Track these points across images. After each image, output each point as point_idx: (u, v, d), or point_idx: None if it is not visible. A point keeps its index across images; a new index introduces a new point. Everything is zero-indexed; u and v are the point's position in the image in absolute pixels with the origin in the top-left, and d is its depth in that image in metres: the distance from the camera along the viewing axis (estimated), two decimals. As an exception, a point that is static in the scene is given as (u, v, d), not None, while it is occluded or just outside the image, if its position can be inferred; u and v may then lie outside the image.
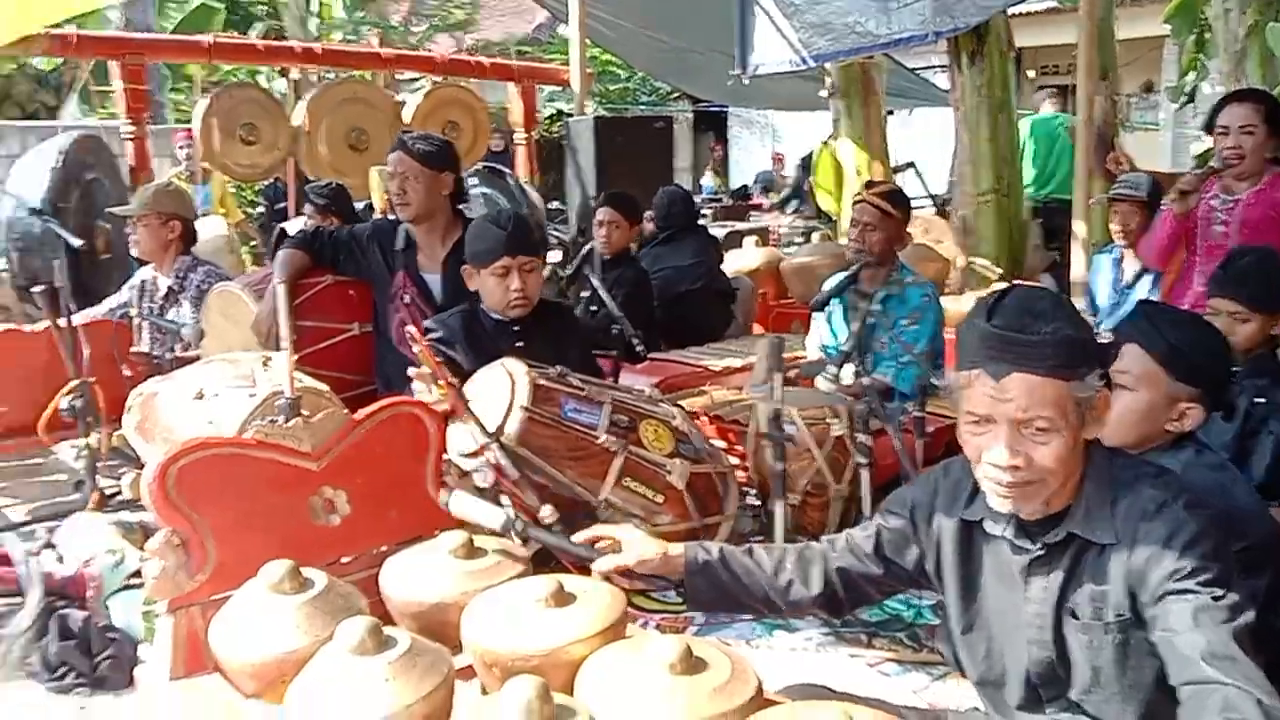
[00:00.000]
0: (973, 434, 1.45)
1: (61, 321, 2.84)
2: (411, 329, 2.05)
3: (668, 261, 4.72)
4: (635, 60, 10.43)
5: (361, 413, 1.89)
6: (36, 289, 2.71)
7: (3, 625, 2.14)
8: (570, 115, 6.81)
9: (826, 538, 1.74)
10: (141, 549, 2.24)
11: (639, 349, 3.58)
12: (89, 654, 2.04)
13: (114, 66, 5.07)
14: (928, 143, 8.71)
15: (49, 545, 2.37)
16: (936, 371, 3.11)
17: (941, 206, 7.03)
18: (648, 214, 4.95)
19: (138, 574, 2.17)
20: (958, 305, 4.18)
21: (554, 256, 6.42)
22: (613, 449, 2.17)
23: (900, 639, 2.14)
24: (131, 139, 4.86)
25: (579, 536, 1.74)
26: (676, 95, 14.75)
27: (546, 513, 1.93)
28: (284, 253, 3.28)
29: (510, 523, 1.76)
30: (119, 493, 2.65)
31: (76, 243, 3.04)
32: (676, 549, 1.69)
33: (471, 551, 1.66)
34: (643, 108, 14.94)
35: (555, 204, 7.90)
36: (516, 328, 2.77)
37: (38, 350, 3.02)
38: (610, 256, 4.32)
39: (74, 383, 2.77)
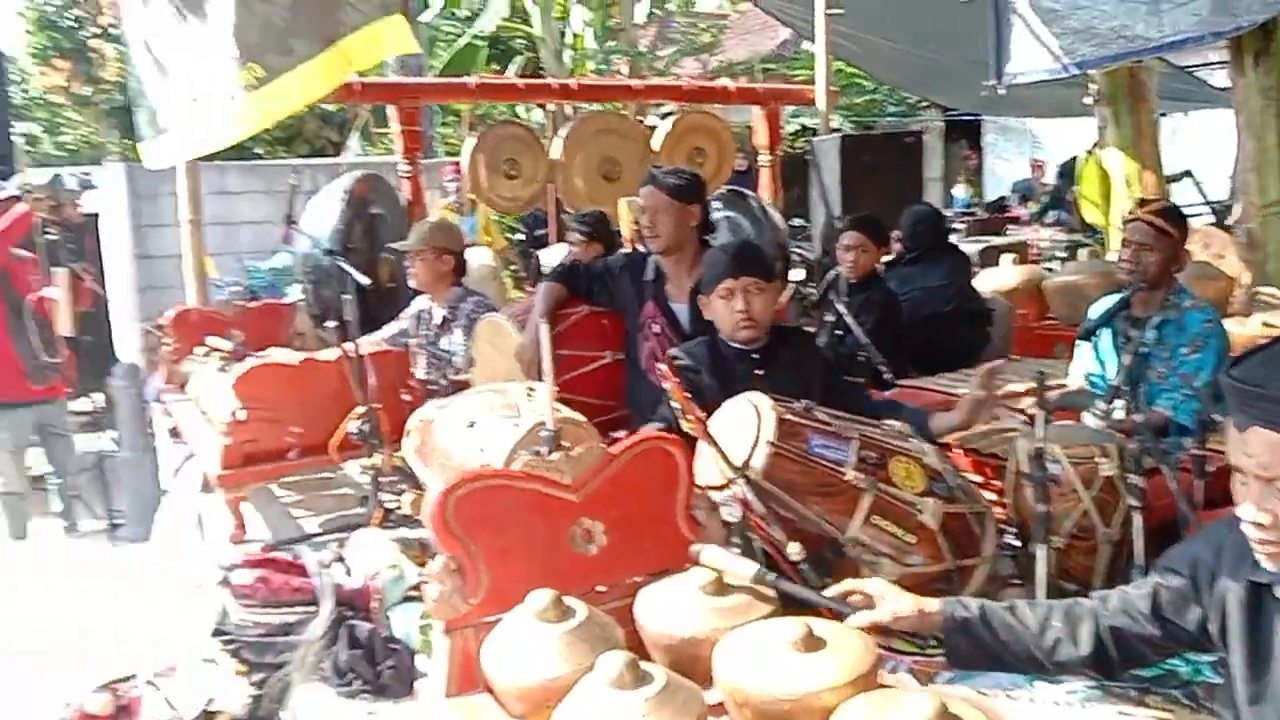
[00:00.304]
0: (1237, 483, 1.40)
1: (350, 349, 3.15)
2: (662, 367, 2.12)
3: (916, 283, 4.61)
4: (882, 73, 10.27)
5: (617, 447, 1.97)
6: (329, 324, 3.00)
7: (301, 632, 2.38)
8: (814, 130, 6.78)
9: (1097, 594, 1.65)
10: (419, 565, 2.43)
11: (886, 376, 3.52)
12: (373, 663, 2.23)
13: (391, 108, 5.55)
14: (1206, 147, 8.03)
15: (339, 559, 2.61)
16: (1219, 405, 2.86)
17: (1222, 217, 6.46)
18: (894, 234, 4.85)
19: (416, 588, 2.36)
20: (1243, 329, 3.84)
21: (798, 275, 6.41)
22: (861, 486, 2.14)
23: (1176, 697, 1.98)
24: (408, 177, 5.28)
25: (830, 591, 1.74)
26: (926, 104, 14.33)
27: (794, 550, 1.94)
28: (544, 286, 3.49)
29: (761, 575, 1.78)
30: (399, 508, 2.90)
31: (364, 281, 3.37)
32: (933, 605, 1.65)
33: (721, 588, 1.70)
34: (890, 119, 14.61)
35: (798, 220, 7.88)
36: (756, 355, 2.79)
37: (330, 378, 3.33)
38: (856, 280, 4.27)
39: (361, 408, 3.05)
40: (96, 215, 7.42)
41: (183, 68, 3.38)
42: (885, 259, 4.60)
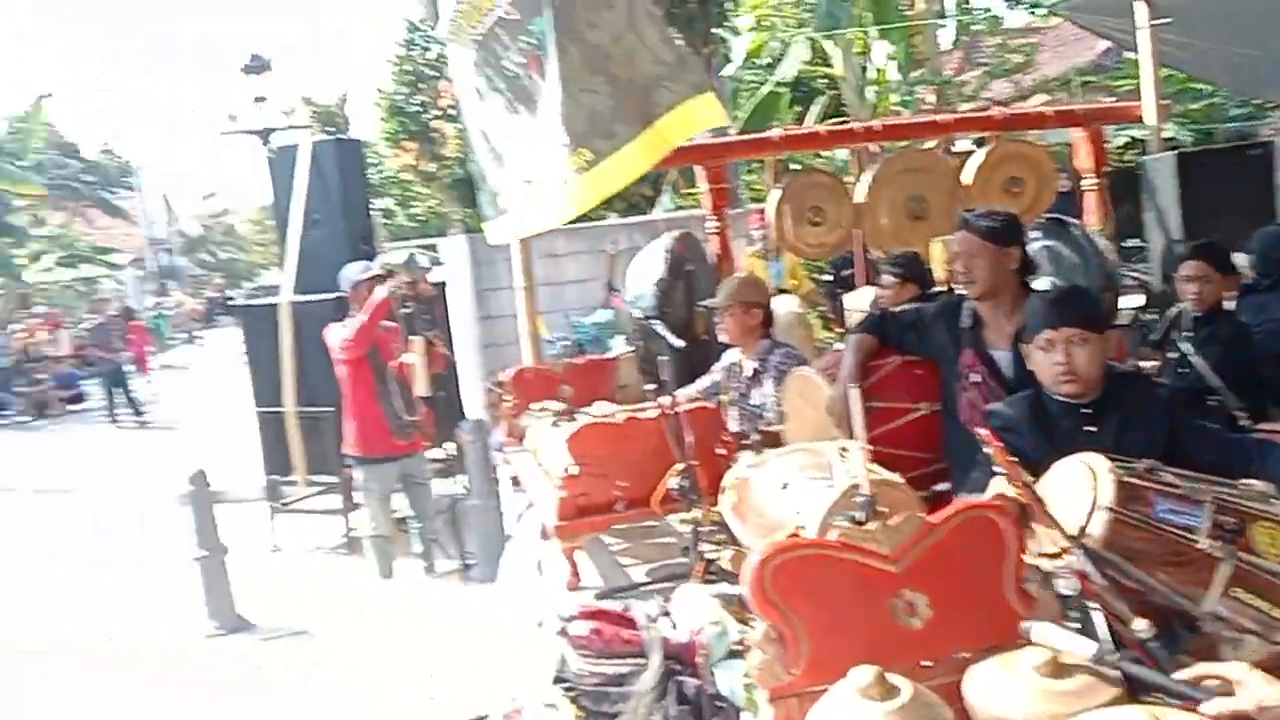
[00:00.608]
0: None
1: (667, 404, 3.29)
2: (983, 431, 2.05)
3: (1273, 313, 4.13)
4: (1217, 79, 9.34)
5: (937, 516, 1.93)
6: (649, 386, 3.17)
7: (633, 684, 2.51)
8: (1144, 141, 6.27)
9: None
10: (740, 621, 2.49)
11: (1243, 422, 3.19)
12: (700, 719, 2.31)
13: (698, 168, 5.75)
14: None
15: (665, 613, 2.72)
16: None
17: None
18: (1244, 258, 4.39)
19: (739, 644, 2.42)
20: None
21: (1136, 301, 5.93)
22: (1217, 555, 1.96)
23: None
24: (716, 233, 5.45)
25: (1182, 674, 1.60)
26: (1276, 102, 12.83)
27: (1141, 626, 1.80)
28: (853, 338, 3.47)
29: (1101, 654, 1.67)
30: (719, 559, 2.98)
31: (678, 343, 3.54)
32: (1309, 702, 1.48)
33: (1059, 670, 1.61)
34: (1235, 124, 13.19)
35: (1133, 241, 7.30)
36: (1086, 409, 2.62)
37: (650, 435, 3.49)
38: (1201, 314, 3.89)
39: (680, 465, 3.18)
40: (444, 285, 8.26)
41: (517, 155, 3.73)
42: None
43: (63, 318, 24.18)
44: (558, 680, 2.72)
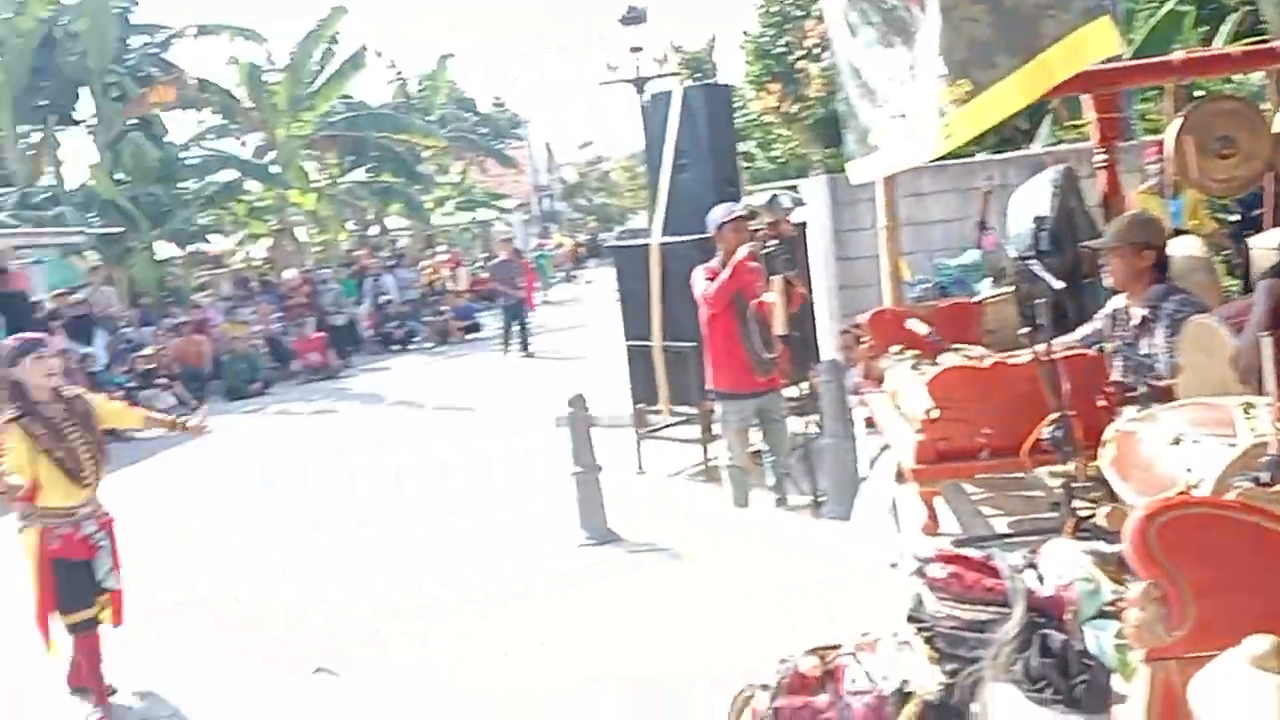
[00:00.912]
0: None
1: (1042, 352, 3.13)
2: None
3: None
4: None
5: (1363, 482, 1.72)
6: (1022, 331, 3.03)
7: (992, 631, 2.46)
8: None
9: None
10: (1115, 581, 2.36)
11: None
12: (1066, 674, 2.23)
13: (1085, 97, 5.30)
14: None
15: (1030, 565, 2.63)
16: None
17: None
18: None
19: (1112, 604, 2.29)
20: None
21: None
22: None
23: None
24: (1104, 167, 5.01)
25: None
26: None
27: None
28: (1265, 284, 3.11)
29: None
30: (1092, 516, 2.82)
31: (1057, 285, 3.33)
32: None
33: None
34: None
35: None
36: None
37: (1020, 382, 3.34)
38: None
39: (1055, 415, 3.02)
40: (804, 225, 8.28)
41: (890, 90, 3.66)
42: None
43: (462, 256, 27.03)
44: (912, 619, 2.73)
